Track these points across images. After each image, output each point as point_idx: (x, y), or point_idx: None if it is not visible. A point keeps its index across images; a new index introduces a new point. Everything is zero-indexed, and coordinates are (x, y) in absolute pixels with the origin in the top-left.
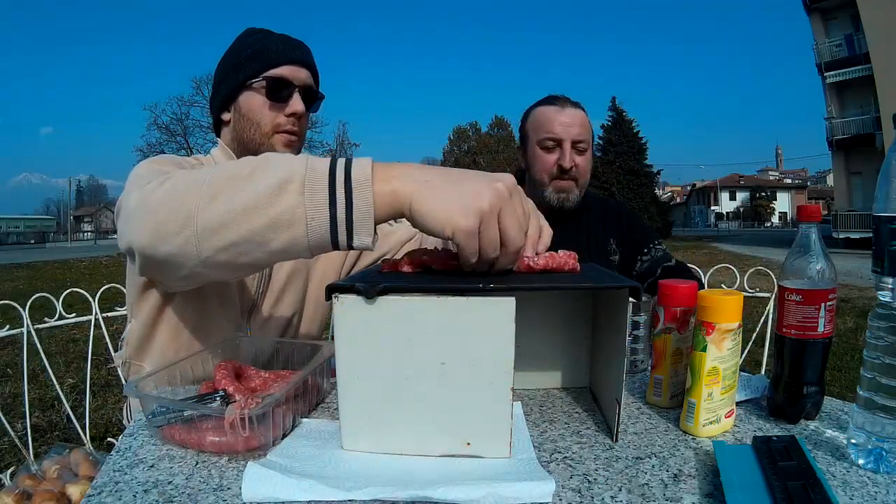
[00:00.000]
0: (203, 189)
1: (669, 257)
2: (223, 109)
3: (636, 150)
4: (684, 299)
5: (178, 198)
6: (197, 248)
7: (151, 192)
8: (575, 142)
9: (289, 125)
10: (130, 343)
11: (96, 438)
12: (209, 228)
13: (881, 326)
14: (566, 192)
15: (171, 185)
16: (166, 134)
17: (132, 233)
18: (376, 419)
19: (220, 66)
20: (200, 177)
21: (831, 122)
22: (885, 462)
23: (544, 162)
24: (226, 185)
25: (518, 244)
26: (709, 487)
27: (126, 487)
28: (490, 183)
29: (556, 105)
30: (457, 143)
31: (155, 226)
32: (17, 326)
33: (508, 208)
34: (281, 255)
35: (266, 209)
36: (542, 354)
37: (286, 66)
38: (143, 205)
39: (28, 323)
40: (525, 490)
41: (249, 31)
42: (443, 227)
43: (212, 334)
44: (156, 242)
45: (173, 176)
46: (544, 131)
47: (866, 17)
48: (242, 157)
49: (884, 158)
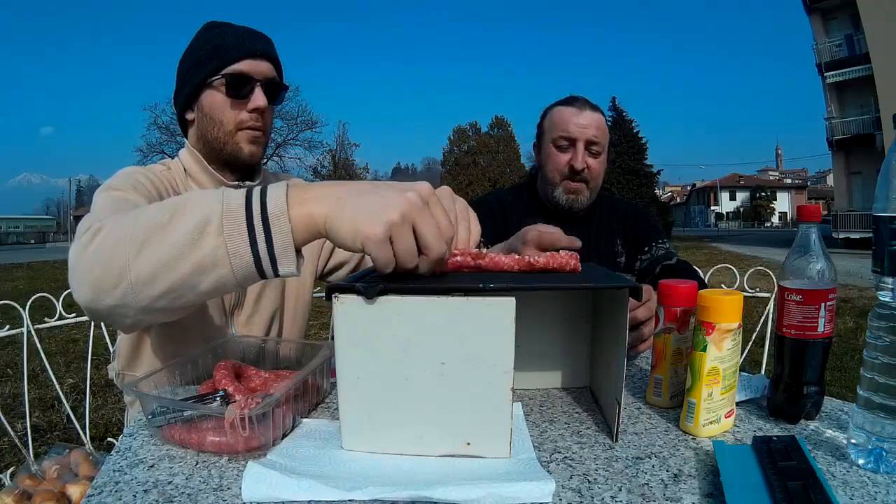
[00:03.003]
0: (130, 242)
1: (671, 255)
2: (186, 109)
3: (636, 150)
4: (684, 299)
5: (108, 253)
6: (135, 300)
7: (84, 248)
8: (589, 143)
9: (252, 121)
10: (121, 354)
11: (96, 438)
12: (141, 280)
13: (881, 326)
14: (576, 193)
15: (101, 240)
16: (166, 134)
17: (75, 290)
18: (376, 419)
19: (180, 64)
20: (128, 226)
21: (831, 122)
22: (885, 462)
23: (557, 161)
24: (150, 235)
25: (439, 250)
26: (709, 487)
27: (126, 487)
28: (401, 193)
29: (574, 106)
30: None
31: (92, 283)
32: (17, 326)
33: (423, 216)
34: (212, 293)
35: (190, 255)
36: (542, 354)
37: (245, 60)
38: (78, 262)
39: (28, 323)
40: (525, 490)
41: (208, 26)
42: (353, 239)
43: (198, 340)
44: (97, 297)
45: (104, 226)
46: (559, 130)
47: (866, 17)
48: (209, 157)
49: (884, 158)
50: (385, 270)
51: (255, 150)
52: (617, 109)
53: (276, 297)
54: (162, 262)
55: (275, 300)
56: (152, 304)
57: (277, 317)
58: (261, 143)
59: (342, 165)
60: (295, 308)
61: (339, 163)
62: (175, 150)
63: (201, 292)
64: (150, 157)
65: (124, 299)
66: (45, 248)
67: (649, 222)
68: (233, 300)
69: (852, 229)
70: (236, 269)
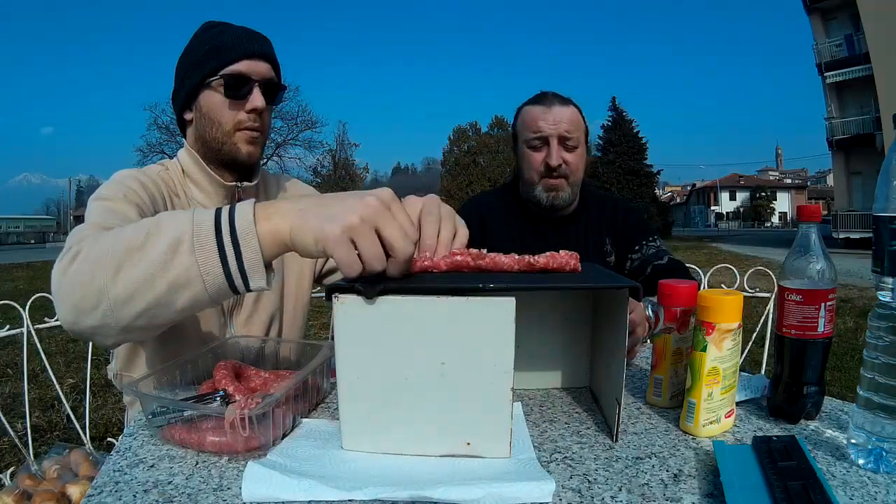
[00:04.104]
0: (108, 263)
1: (662, 255)
2: (185, 109)
3: (636, 150)
4: (684, 299)
5: (88, 274)
6: (114, 319)
7: (64, 272)
8: (563, 138)
9: (250, 122)
10: (120, 356)
11: (96, 438)
12: (119, 301)
13: (881, 326)
14: (556, 189)
15: (80, 262)
16: (166, 134)
17: (58, 312)
18: (376, 419)
19: (178, 64)
20: (105, 247)
21: (831, 122)
22: (885, 462)
23: (532, 161)
24: (125, 256)
25: (405, 251)
26: (709, 487)
27: (126, 487)
28: (361, 199)
29: (543, 104)
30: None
31: (73, 304)
32: (17, 326)
33: (385, 219)
34: (188, 311)
35: (164, 274)
36: (542, 354)
37: (244, 60)
38: (60, 285)
39: (28, 323)
40: (525, 490)
41: (207, 26)
42: (315, 244)
43: (197, 341)
44: (78, 319)
45: (83, 248)
46: (531, 131)
47: (866, 17)
48: (208, 157)
49: (884, 158)
50: (350, 274)
51: (253, 151)
52: (617, 109)
53: (275, 299)
54: (139, 281)
55: (274, 301)
56: (132, 322)
57: (276, 318)
58: (259, 143)
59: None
60: (294, 309)
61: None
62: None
63: (177, 310)
64: (150, 157)
65: (104, 319)
66: (45, 248)
67: (639, 220)
68: (232, 301)
69: (852, 229)
70: (209, 286)
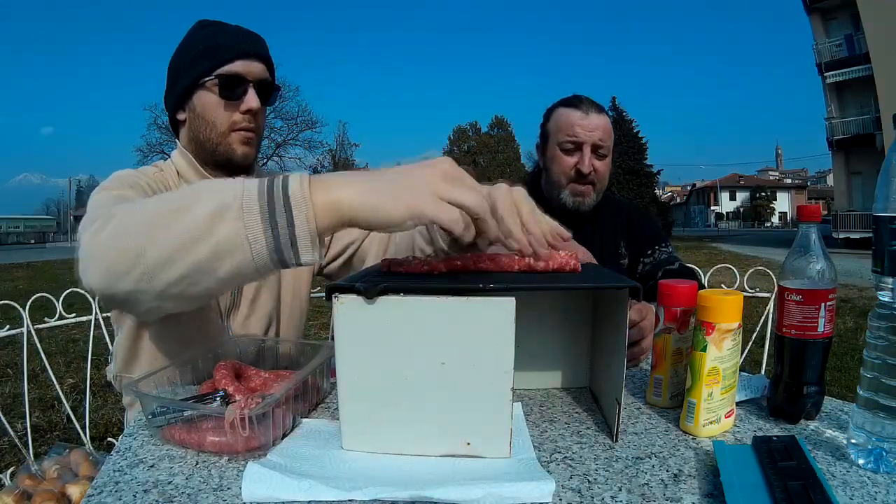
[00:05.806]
0: (146, 225)
1: (673, 260)
2: (178, 109)
3: (636, 150)
4: (684, 299)
5: (124, 237)
6: (150, 284)
7: (97, 234)
8: (596, 146)
9: (245, 122)
10: (118, 356)
11: (96, 438)
12: (158, 264)
13: (881, 326)
14: (583, 196)
15: (116, 225)
16: (166, 134)
17: (88, 277)
18: (376, 419)
19: (171, 63)
20: (143, 211)
21: (831, 122)
22: (885, 462)
23: (563, 164)
24: (167, 218)
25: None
26: (709, 487)
27: (126, 487)
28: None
29: (580, 109)
30: (457, 143)
31: (107, 267)
32: (17, 326)
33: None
34: (231, 281)
35: (207, 239)
36: (542, 354)
37: (238, 61)
38: (92, 249)
39: (28, 323)
40: (525, 490)
41: (201, 25)
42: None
43: (195, 341)
44: (112, 283)
45: (117, 213)
46: (565, 134)
47: (866, 17)
48: (202, 158)
49: (884, 158)
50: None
51: (248, 152)
52: (617, 109)
53: (272, 298)
54: (180, 243)
55: (271, 301)
56: (167, 289)
57: (274, 318)
58: (254, 144)
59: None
60: (291, 308)
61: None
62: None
63: (219, 278)
64: (150, 157)
65: (139, 284)
66: (46, 248)
67: (652, 225)
68: (228, 302)
69: (852, 229)
70: (256, 255)
